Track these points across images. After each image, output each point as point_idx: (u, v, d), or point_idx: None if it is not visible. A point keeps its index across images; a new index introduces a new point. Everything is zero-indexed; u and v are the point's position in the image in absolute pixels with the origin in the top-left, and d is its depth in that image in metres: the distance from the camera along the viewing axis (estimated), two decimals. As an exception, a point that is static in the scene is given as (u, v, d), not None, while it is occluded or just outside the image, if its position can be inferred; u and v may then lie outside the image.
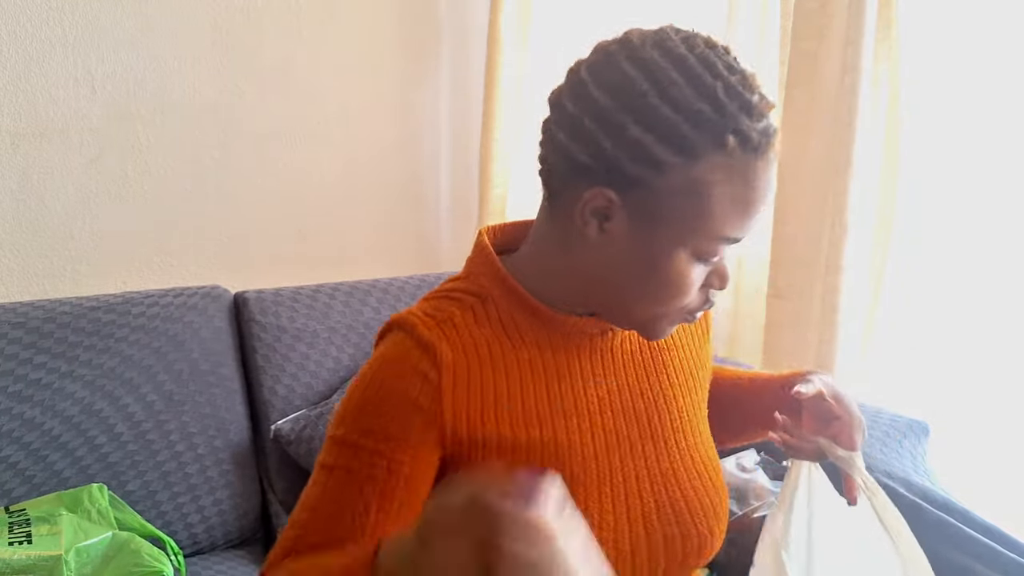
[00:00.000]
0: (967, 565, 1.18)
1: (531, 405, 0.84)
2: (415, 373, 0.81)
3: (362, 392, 0.83)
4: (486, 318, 0.85)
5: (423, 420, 0.80)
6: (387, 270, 2.14)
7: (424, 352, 0.81)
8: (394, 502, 0.80)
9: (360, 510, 0.80)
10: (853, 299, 1.56)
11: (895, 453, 1.37)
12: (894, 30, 1.49)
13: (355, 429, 0.81)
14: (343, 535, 0.79)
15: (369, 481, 0.80)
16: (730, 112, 0.74)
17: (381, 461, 0.80)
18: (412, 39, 2.26)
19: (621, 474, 0.86)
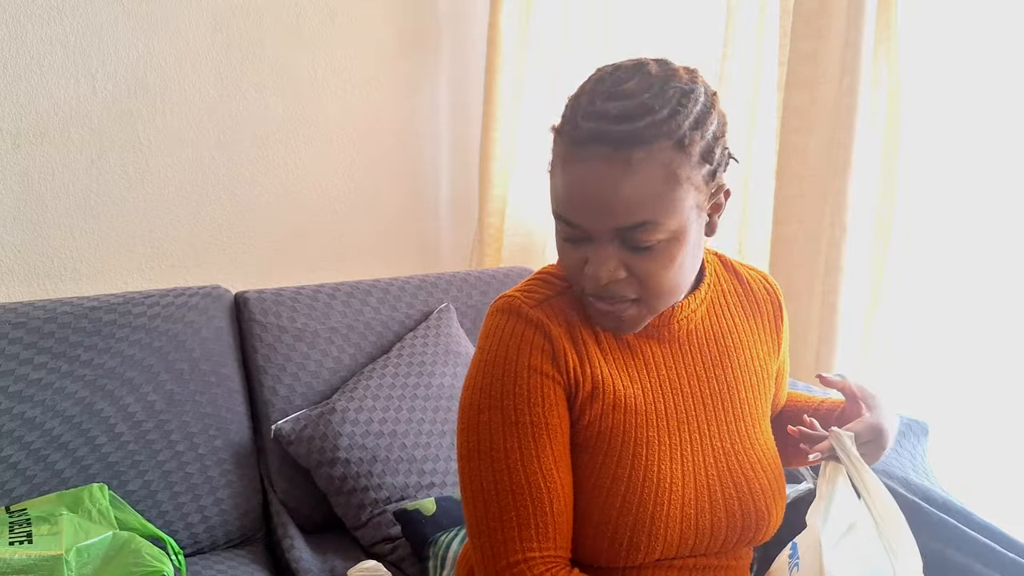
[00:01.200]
0: (967, 565, 1.18)
1: (614, 374, 0.97)
2: (533, 347, 0.94)
3: (500, 378, 0.94)
4: (573, 302, 0.98)
5: (552, 383, 0.94)
6: (387, 270, 2.14)
7: (536, 329, 0.95)
8: (562, 457, 0.94)
9: (546, 476, 0.93)
10: (852, 299, 1.56)
11: (895, 453, 1.37)
12: (893, 31, 1.49)
13: (509, 410, 0.93)
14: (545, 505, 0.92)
15: (541, 449, 0.93)
16: (576, 107, 0.89)
17: (541, 430, 0.93)
18: (412, 39, 2.26)
19: (690, 446, 0.98)
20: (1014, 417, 1.50)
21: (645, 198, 0.86)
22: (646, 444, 0.96)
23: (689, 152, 0.87)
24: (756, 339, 1.06)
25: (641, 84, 0.87)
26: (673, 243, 0.89)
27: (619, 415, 0.96)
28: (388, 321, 1.88)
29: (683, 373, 1.00)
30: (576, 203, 0.88)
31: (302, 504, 1.72)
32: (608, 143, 0.85)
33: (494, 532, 0.93)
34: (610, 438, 0.96)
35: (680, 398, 0.99)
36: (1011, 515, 1.33)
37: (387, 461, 1.67)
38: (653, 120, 0.85)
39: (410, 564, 1.59)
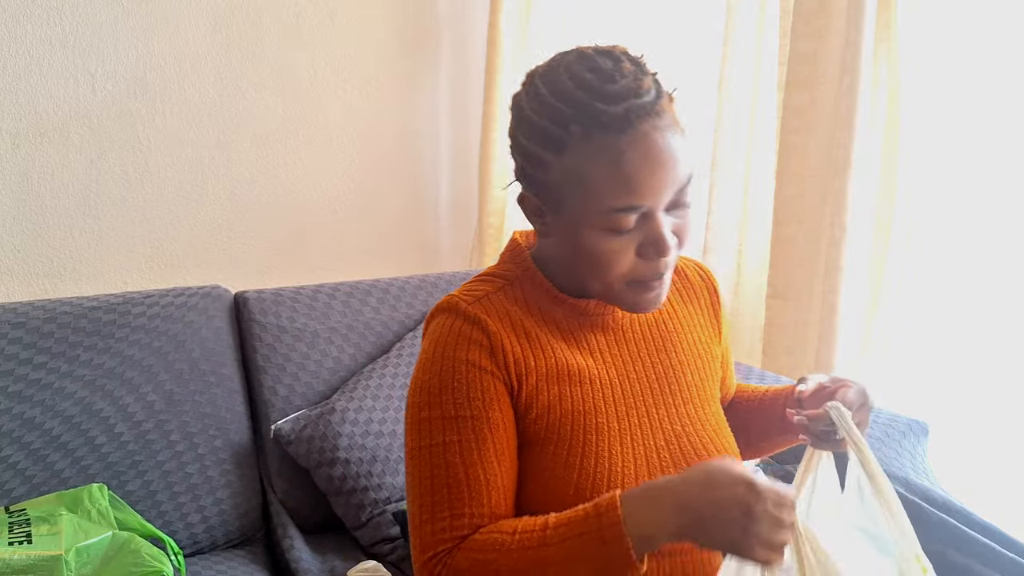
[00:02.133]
0: (967, 565, 1.18)
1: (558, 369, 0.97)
2: (471, 343, 0.94)
3: (438, 374, 0.94)
4: (514, 298, 0.99)
5: (491, 377, 0.94)
6: (387, 270, 2.14)
7: (473, 324, 0.95)
8: (504, 451, 0.93)
9: (487, 469, 0.92)
10: (852, 299, 1.56)
11: (894, 453, 1.37)
12: (893, 31, 1.49)
13: (448, 405, 0.93)
14: (483, 497, 0.91)
15: (481, 443, 0.92)
16: (581, 104, 0.87)
17: (481, 424, 0.92)
18: (412, 39, 2.26)
19: (639, 430, 0.98)
20: (1014, 417, 1.50)
21: (687, 149, 0.90)
22: (596, 431, 0.96)
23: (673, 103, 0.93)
24: (696, 323, 1.08)
25: (631, 61, 0.90)
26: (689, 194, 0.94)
27: (567, 404, 0.96)
28: (388, 321, 1.88)
29: (628, 359, 1.01)
30: (648, 180, 0.88)
31: (302, 504, 1.72)
32: (651, 112, 0.87)
33: (425, 524, 0.91)
34: (559, 428, 0.95)
35: (627, 383, 1.00)
36: (1011, 515, 1.33)
37: (387, 461, 1.67)
38: (649, 78, 0.90)
39: (410, 564, 1.59)
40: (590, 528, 0.84)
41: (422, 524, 0.92)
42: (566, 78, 0.88)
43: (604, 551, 0.83)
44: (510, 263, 1.03)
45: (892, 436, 1.41)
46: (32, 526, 1.36)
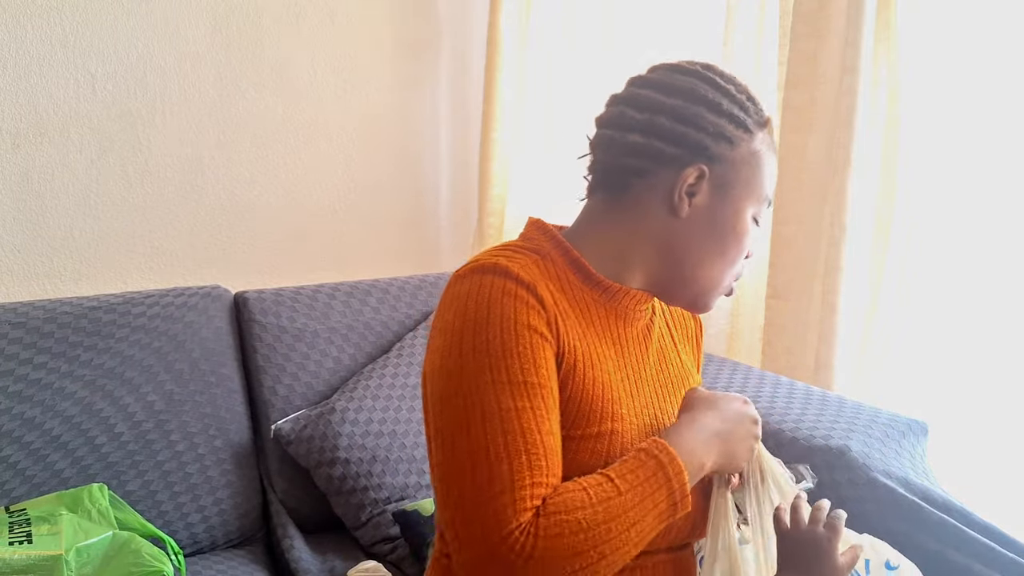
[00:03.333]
0: (967, 565, 1.18)
1: (591, 352, 0.94)
2: (530, 308, 0.88)
3: (499, 336, 0.86)
4: (546, 271, 0.94)
5: (548, 344, 0.89)
6: (387, 270, 2.14)
7: (528, 289, 0.89)
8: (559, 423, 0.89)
9: (557, 438, 0.88)
10: (852, 299, 1.56)
11: (894, 453, 1.37)
12: (893, 31, 1.49)
13: (515, 370, 0.86)
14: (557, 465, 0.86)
15: (551, 411, 0.87)
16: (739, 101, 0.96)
17: (548, 392, 0.87)
18: (412, 39, 2.26)
19: (648, 431, 0.97)
20: (1014, 417, 1.49)
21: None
22: (620, 420, 0.94)
23: None
24: (683, 348, 1.10)
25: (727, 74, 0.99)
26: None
27: (597, 389, 0.93)
28: (388, 321, 1.88)
29: (642, 359, 1.01)
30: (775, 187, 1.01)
31: (302, 504, 1.72)
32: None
33: (502, 495, 0.81)
34: (589, 411, 0.91)
35: (641, 383, 1.00)
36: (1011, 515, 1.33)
37: (387, 461, 1.67)
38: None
39: (410, 564, 1.59)
40: (655, 471, 0.87)
41: (496, 495, 0.81)
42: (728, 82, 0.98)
43: (669, 490, 0.87)
44: (540, 238, 0.98)
45: (892, 436, 1.40)
46: (32, 526, 1.36)
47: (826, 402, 1.49)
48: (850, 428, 1.40)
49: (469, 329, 0.87)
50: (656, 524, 0.87)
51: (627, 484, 0.86)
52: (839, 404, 1.48)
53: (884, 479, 1.30)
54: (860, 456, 1.34)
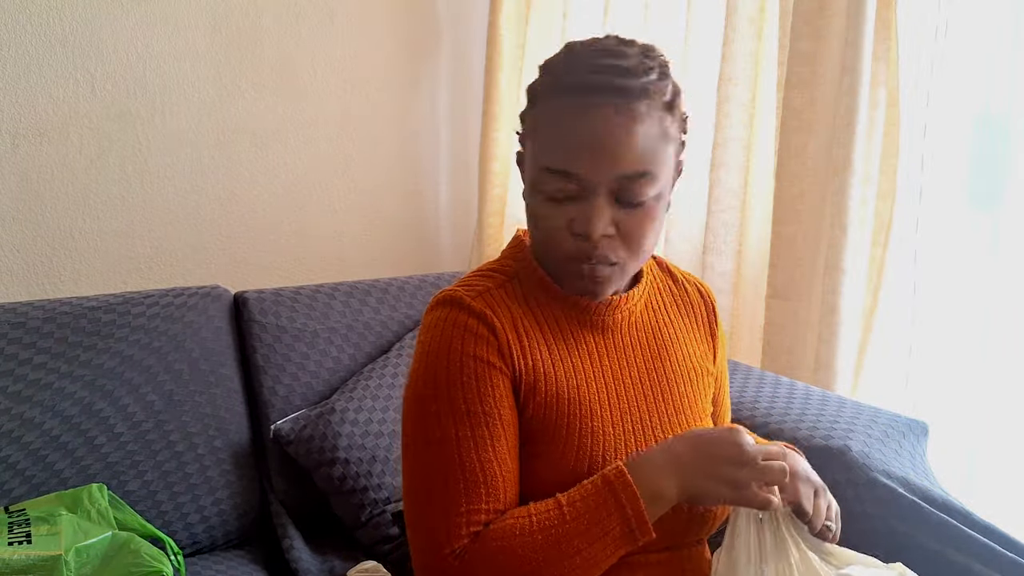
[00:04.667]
0: (967, 565, 1.18)
1: (557, 365, 0.97)
2: (478, 338, 0.94)
3: (444, 368, 0.93)
4: (513, 295, 0.99)
5: (499, 374, 0.94)
6: (387, 270, 2.14)
7: (479, 319, 0.95)
8: (513, 447, 0.94)
9: (501, 464, 0.92)
10: (852, 299, 1.56)
11: (894, 453, 1.37)
12: (893, 31, 1.49)
13: (458, 400, 0.92)
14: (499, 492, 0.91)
15: (496, 439, 0.92)
16: (562, 66, 0.93)
17: (494, 420, 0.93)
18: (412, 39, 2.26)
19: (633, 437, 0.98)
20: (1014, 417, 1.50)
21: (647, 149, 0.90)
22: (591, 434, 0.96)
23: (674, 115, 0.94)
24: (692, 338, 1.08)
25: (631, 49, 0.94)
26: (659, 201, 0.94)
27: (563, 406, 0.96)
28: (388, 321, 1.88)
29: (624, 364, 1.02)
30: (584, 152, 0.90)
31: (302, 504, 1.72)
32: (619, 94, 0.89)
33: (438, 519, 0.90)
34: (555, 429, 0.95)
35: (622, 388, 1.00)
36: (1011, 515, 1.33)
37: (387, 461, 1.67)
38: (649, 79, 0.91)
39: (410, 564, 1.59)
40: (605, 497, 0.87)
41: (434, 519, 0.90)
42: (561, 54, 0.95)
43: (623, 516, 0.87)
44: (509, 259, 1.03)
45: (892, 436, 1.40)
46: (32, 526, 1.36)
47: (826, 402, 1.48)
48: (850, 428, 1.40)
49: (423, 360, 0.95)
50: (611, 551, 0.87)
51: (575, 511, 0.88)
52: (839, 404, 1.48)
53: (884, 479, 1.30)
54: (860, 456, 1.34)
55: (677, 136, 0.95)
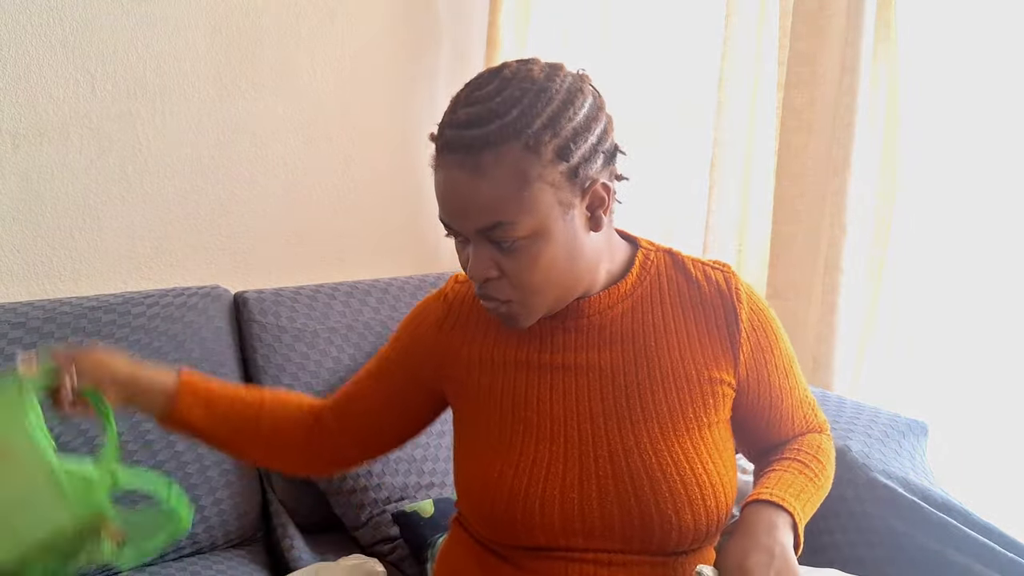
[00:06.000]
0: (967, 565, 1.18)
1: (499, 357, 1.04)
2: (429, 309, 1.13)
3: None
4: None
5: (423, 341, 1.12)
6: (387, 270, 2.14)
7: (442, 301, 1.12)
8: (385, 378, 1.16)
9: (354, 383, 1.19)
10: (851, 299, 1.56)
11: (894, 453, 1.37)
12: (893, 30, 1.49)
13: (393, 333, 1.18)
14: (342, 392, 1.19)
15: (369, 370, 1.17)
16: (443, 116, 0.94)
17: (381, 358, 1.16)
18: (412, 39, 2.26)
19: (577, 434, 0.99)
20: (1014, 417, 1.50)
21: (496, 199, 0.89)
22: (523, 423, 1.00)
23: (539, 152, 0.89)
24: (694, 341, 1.02)
25: (496, 87, 0.91)
26: (536, 241, 0.92)
27: (496, 396, 1.03)
28: (388, 321, 1.88)
29: (584, 364, 1.01)
30: (444, 207, 0.94)
31: (302, 504, 1.72)
32: (460, 149, 0.90)
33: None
34: (488, 412, 1.03)
35: (573, 387, 1.01)
36: (1011, 515, 1.33)
37: (387, 461, 1.67)
38: (502, 123, 0.88)
39: (410, 565, 1.59)
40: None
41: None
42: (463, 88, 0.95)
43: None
44: None
45: (892, 436, 1.41)
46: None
47: (826, 402, 1.49)
48: (850, 428, 1.40)
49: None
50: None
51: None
52: (839, 404, 1.48)
53: (884, 479, 1.30)
54: (860, 456, 1.34)
55: (551, 170, 0.89)
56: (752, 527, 0.92)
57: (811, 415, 1.12)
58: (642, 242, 1.08)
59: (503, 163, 0.88)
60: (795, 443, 1.09)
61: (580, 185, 0.92)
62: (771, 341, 1.05)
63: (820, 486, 1.04)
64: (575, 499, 0.97)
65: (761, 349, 1.04)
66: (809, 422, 1.12)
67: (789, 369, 1.08)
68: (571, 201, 0.92)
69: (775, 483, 0.99)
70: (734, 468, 1.03)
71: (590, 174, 0.93)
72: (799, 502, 0.97)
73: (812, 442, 1.09)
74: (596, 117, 0.94)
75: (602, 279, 1.02)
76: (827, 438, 1.12)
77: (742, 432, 1.09)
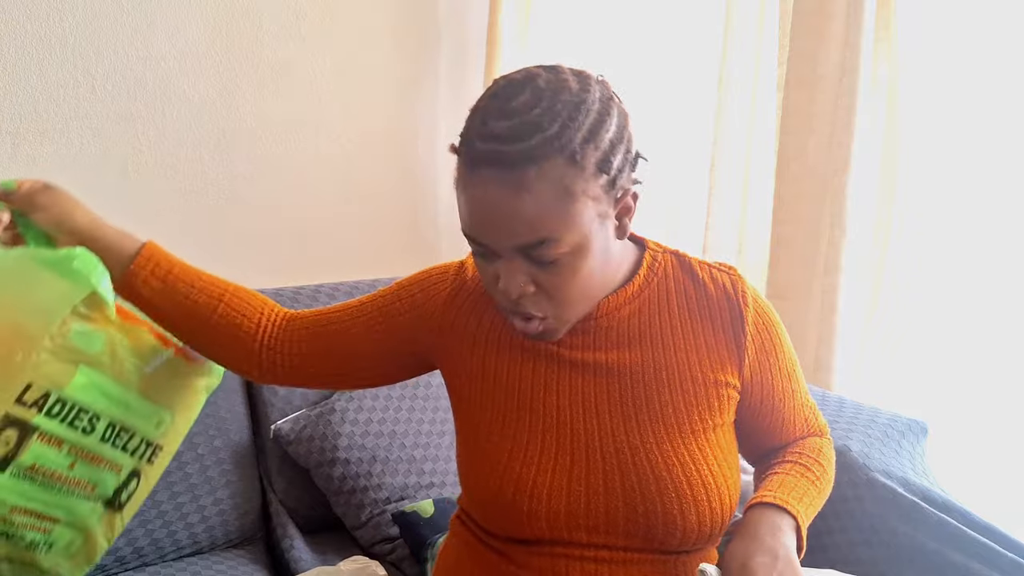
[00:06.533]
0: (967, 565, 1.18)
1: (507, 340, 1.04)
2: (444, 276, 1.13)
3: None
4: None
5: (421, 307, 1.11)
6: (387, 270, 2.14)
7: (457, 274, 1.12)
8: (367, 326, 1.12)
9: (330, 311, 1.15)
10: (851, 299, 1.56)
11: (893, 453, 1.37)
12: (892, 30, 1.49)
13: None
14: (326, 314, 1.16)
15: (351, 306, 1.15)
16: (469, 128, 0.91)
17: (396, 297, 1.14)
18: (412, 39, 2.26)
19: (583, 428, 0.99)
20: (1014, 417, 1.50)
21: (542, 216, 0.86)
22: (531, 412, 1.00)
23: (583, 166, 0.87)
24: (701, 344, 1.02)
25: (531, 99, 0.87)
26: (577, 255, 0.90)
27: (503, 381, 1.02)
28: (388, 321, 1.87)
29: (592, 363, 1.00)
30: (477, 224, 0.90)
31: (302, 504, 1.72)
32: (501, 165, 0.86)
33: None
34: (493, 394, 1.02)
35: (580, 383, 1.00)
36: (1011, 515, 1.33)
37: (387, 461, 1.67)
38: (544, 137, 0.85)
39: (410, 565, 1.59)
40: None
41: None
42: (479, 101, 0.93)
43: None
44: None
45: (892, 436, 1.41)
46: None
47: (826, 402, 1.49)
48: (850, 428, 1.40)
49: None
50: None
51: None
52: (839, 404, 1.48)
53: (883, 479, 1.30)
54: (860, 456, 1.34)
55: (593, 183, 0.88)
56: (755, 529, 0.92)
57: (812, 419, 1.13)
58: (649, 243, 1.07)
59: (547, 179, 0.85)
60: (796, 446, 1.10)
61: (615, 195, 0.92)
62: (775, 345, 1.05)
63: (821, 489, 1.05)
64: (581, 491, 0.97)
65: (766, 352, 1.04)
66: (810, 425, 1.12)
67: (792, 373, 1.08)
68: (607, 212, 0.92)
69: (778, 486, 0.99)
70: (738, 470, 1.03)
71: (623, 183, 0.92)
72: (802, 505, 0.97)
73: (813, 445, 1.10)
74: (625, 126, 0.93)
75: (613, 279, 1.02)
76: (828, 442, 1.13)
77: (744, 434, 1.09)
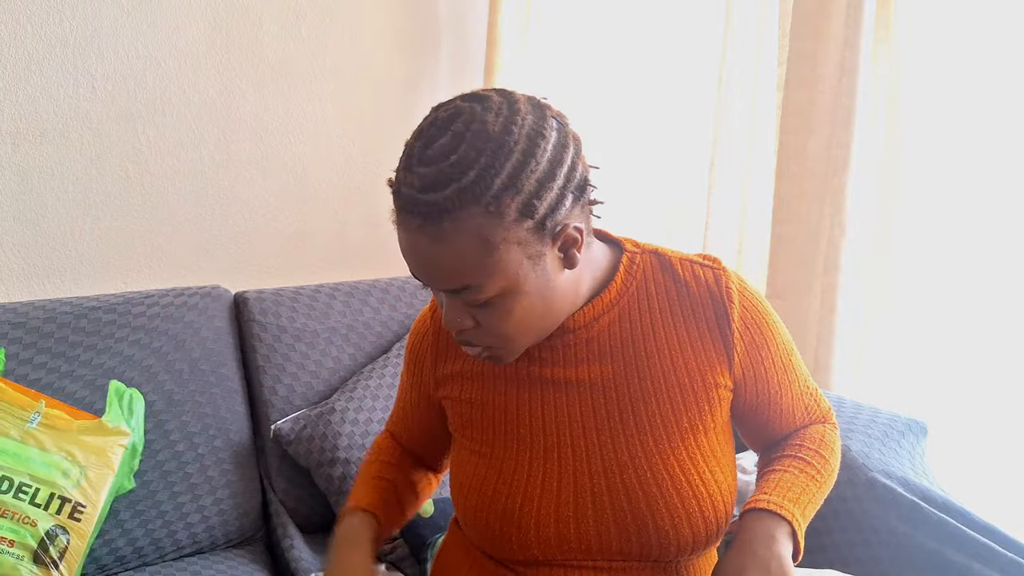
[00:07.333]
0: (966, 565, 1.18)
1: (488, 370, 1.03)
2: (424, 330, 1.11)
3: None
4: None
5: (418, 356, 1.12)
6: (387, 270, 2.14)
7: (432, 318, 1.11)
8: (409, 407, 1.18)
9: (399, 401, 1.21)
10: (851, 299, 1.56)
11: (893, 452, 1.37)
12: (892, 30, 1.49)
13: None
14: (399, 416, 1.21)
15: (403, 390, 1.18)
16: (399, 168, 0.88)
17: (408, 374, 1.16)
18: (412, 39, 2.26)
19: (571, 450, 0.97)
20: (1014, 417, 1.50)
21: (461, 267, 0.85)
22: (516, 439, 0.99)
23: (502, 214, 0.83)
24: (685, 346, 0.98)
25: (449, 144, 0.84)
26: (508, 298, 0.88)
27: (489, 410, 1.02)
28: (388, 321, 1.88)
29: (574, 379, 0.98)
30: (411, 265, 0.90)
31: (302, 504, 1.72)
32: (418, 215, 0.84)
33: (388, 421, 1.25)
34: (481, 428, 1.02)
35: (564, 402, 0.98)
36: (1011, 515, 1.33)
37: (387, 461, 1.67)
38: (459, 188, 0.82)
39: (410, 564, 1.59)
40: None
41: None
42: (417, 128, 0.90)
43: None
44: None
45: (891, 436, 1.41)
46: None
47: (826, 402, 1.48)
48: (849, 428, 1.40)
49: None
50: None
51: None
52: (838, 404, 1.48)
53: (883, 479, 1.30)
54: (859, 456, 1.34)
55: (516, 229, 0.84)
56: (750, 540, 0.90)
57: (813, 406, 1.09)
58: (626, 244, 1.02)
59: (463, 230, 0.82)
60: (797, 437, 1.07)
61: (550, 233, 0.87)
62: (766, 337, 1.00)
63: (823, 482, 1.02)
64: (570, 516, 0.96)
65: (756, 347, 1.00)
66: (812, 413, 1.09)
67: (787, 363, 1.04)
68: (541, 252, 0.87)
69: (774, 487, 0.97)
70: (734, 471, 1.01)
71: (559, 219, 0.87)
72: (799, 507, 0.95)
73: (815, 435, 1.07)
74: (560, 159, 0.86)
75: (586, 291, 0.98)
76: (831, 427, 1.09)
77: (744, 429, 1.08)
